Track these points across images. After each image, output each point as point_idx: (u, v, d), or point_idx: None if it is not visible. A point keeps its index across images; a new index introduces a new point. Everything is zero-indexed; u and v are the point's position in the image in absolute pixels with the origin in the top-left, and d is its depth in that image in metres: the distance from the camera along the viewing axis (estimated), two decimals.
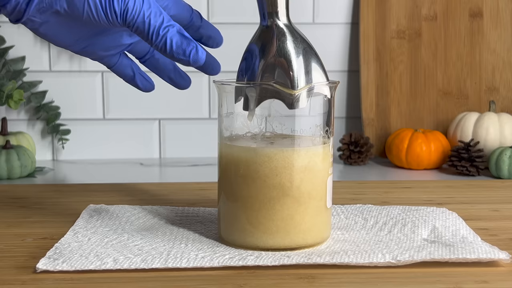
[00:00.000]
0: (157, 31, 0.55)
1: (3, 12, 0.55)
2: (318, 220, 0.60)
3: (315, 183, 0.60)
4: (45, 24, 0.57)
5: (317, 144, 0.60)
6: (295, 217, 0.59)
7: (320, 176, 0.60)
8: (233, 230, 0.60)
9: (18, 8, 0.55)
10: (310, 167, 0.59)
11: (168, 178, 1.03)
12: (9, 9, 0.55)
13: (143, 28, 0.55)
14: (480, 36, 1.16)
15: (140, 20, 0.55)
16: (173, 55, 0.55)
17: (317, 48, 0.60)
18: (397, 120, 1.16)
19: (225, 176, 0.61)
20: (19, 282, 0.53)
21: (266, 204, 0.58)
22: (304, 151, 0.59)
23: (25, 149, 1.01)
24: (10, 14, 0.55)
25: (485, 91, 1.16)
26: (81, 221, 0.68)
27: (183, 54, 0.55)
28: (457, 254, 0.57)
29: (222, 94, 0.61)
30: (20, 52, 1.13)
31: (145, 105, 1.17)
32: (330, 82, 0.61)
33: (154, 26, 0.55)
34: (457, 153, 1.02)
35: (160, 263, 0.56)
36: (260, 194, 0.58)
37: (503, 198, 0.83)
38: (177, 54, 0.55)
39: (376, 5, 1.15)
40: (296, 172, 0.58)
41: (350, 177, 1.02)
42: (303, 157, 0.59)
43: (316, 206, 0.60)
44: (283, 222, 0.59)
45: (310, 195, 0.59)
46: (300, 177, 0.59)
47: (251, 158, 0.58)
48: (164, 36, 0.55)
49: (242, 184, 0.59)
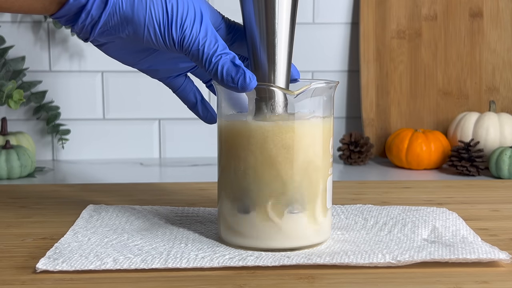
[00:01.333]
0: (210, 59, 0.57)
1: (73, 31, 0.59)
2: (319, 221, 0.60)
3: (315, 183, 0.60)
4: (110, 44, 0.61)
5: (318, 141, 0.60)
6: (295, 218, 0.59)
7: (320, 176, 0.60)
8: (232, 230, 0.60)
9: (85, 29, 0.58)
10: (310, 167, 0.59)
11: (168, 178, 1.03)
12: (77, 29, 0.58)
13: (198, 55, 0.58)
14: (480, 36, 1.16)
15: (195, 48, 0.57)
16: (223, 82, 0.57)
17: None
18: (397, 120, 1.16)
19: (225, 175, 0.61)
20: (19, 282, 0.53)
21: (265, 203, 0.58)
22: (303, 150, 0.59)
23: (25, 149, 1.01)
24: (79, 33, 0.59)
25: (485, 91, 1.16)
26: (81, 221, 0.68)
27: (231, 81, 0.57)
28: (457, 254, 0.57)
29: (221, 95, 0.61)
30: (20, 52, 1.13)
31: (145, 105, 1.17)
32: (330, 82, 0.60)
33: (208, 54, 0.57)
34: (457, 153, 1.02)
35: (160, 263, 0.56)
36: (260, 194, 0.58)
37: (503, 198, 0.83)
38: (227, 81, 0.57)
39: (376, 5, 1.15)
40: (296, 171, 0.58)
41: (350, 177, 1.02)
42: (303, 156, 0.59)
43: (317, 206, 0.60)
44: (283, 223, 0.59)
45: (310, 196, 0.59)
46: (300, 177, 0.59)
47: (252, 158, 0.58)
48: (216, 63, 0.57)
49: (240, 184, 0.59)
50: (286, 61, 0.60)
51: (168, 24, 0.57)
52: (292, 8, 0.59)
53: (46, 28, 1.14)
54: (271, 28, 0.59)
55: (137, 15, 0.57)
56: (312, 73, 1.18)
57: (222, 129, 0.61)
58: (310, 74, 1.18)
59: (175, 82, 0.68)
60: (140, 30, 0.57)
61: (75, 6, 0.56)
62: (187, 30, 0.57)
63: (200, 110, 0.69)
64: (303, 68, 1.17)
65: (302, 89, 0.58)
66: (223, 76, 0.57)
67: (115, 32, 0.58)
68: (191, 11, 0.58)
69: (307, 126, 0.59)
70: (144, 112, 1.17)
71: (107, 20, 0.57)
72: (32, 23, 1.14)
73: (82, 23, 0.57)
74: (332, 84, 0.61)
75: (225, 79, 0.57)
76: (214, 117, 0.69)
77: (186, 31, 0.57)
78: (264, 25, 0.59)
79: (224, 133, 0.61)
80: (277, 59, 0.59)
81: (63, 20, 0.57)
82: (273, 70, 0.59)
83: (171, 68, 0.66)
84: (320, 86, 0.60)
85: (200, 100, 0.69)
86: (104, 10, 0.56)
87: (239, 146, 0.59)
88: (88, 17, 0.57)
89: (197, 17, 0.58)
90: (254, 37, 0.59)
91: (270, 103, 0.59)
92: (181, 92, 0.68)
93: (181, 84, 0.68)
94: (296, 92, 0.58)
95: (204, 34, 0.58)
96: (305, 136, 0.59)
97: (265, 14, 0.59)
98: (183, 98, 0.69)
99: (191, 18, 0.57)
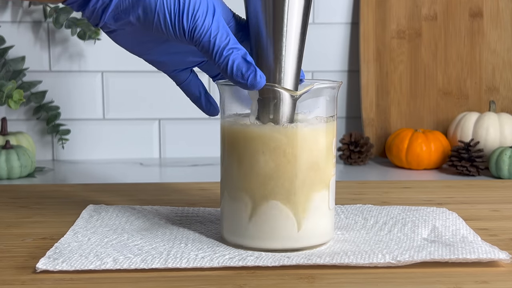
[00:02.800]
0: (220, 52, 0.56)
1: (84, 16, 0.58)
2: (322, 222, 0.60)
3: (317, 184, 0.59)
4: (120, 31, 0.60)
5: (321, 142, 0.59)
6: (297, 219, 0.59)
7: (323, 177, 0.60)
8: (235, 231, 0.60)
9: (95, 14, 0.57)
10: (312, 168, 0.59)
11: (168, 178, 1.03)
12: (88, 13, 0.57)
13: (208, 47, 0.56)
14: (480, 36, 1.16)
15: (206, 39, 0.56)
16: (232, 77, 0.56)
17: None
18: (397, 120, 1.16)
19: (228, 174, 0.61)
20: (18, 282, 0.53)
21: (267, 204, 0.58)
22: (306, 152, 0.58)
23: (25, 149, 1.01)
24: (89, 18, 0.58)
25: (485, 91, 1.16)
26: (81, 221, 0.68)
27: (241, 77, 0.56)
28: (457, 254, 0.57)
29: (224, 94, 0.61)
30: (20, 52, 1.13)
31: (145, 105, 1.17)
32: (332, 83, 0.60)
33: (219, 46, 0.56)
34: (457, 153, 1.02)
35: (160, 263, 0.56)
36: (262, 195, 0.58)
37: (503, 198, 0.83)
38: (236, 76, 0.56)
39: (376, 5, 1.15)
40: (299, 173, 0.58)
41: (350, 177, 1.02)
42: (306, 158, 0.58)
43: (319, 207, 0.60)
44: (285, 224, 0.59)
45: (313, 197, 0.59)
46: (303, 178, 0.58)
47: (252, 159, 0.58)
48: (227, 57, 0.56)
49: (244, 184, 0.59)
50: (296, 62, 0.58)
51: (179, 13, 0.56)
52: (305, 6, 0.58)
53: (46, 28, 1.14)
54: (279, 26, 0.57)
55: (149, 0, 0.56)
56: (312, 73, 1.18)
57: (225, 130, 0.61)
58: (310, 74, 1.18)
59: (180, 75, 0.67)
60: (150, 16, 0.57)
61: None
62: (199, 20, 0.56)
63: (204, 104, 0.68)
64: (303, 68, 1.16)
65: (305, 89, 0.58)
66: (233, 70, 0.56)
67: (125, 16, 0.57)
68: (203, 3, 0.57)
69: (310, 127, 0.59)
70: (144, 112, 1.17)
71: (117, 3, 0.56)
72: (32, 23, 1.14)
73: (93, 7, 0.57)
74: (335, 84, 0.60)
75: (235, 74, 0.56)
76: (217, 110, 0.68)
77: (198, 21, 0.56)
78: (271, 22, 0.57)
79: (227, 133, 0.61)
80: (285, 59, 0.58)
81: (75, 5, 0.57)
82: (279, 70, 0.58)
83: (179, 62, 0.65)
84: (323, 87, 0.59)
85: (204, 94, 0.68)
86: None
87: (241, 147, 0.59)
88: (100, 0, 0.56)
89: (210, 9, 0.57)
90: (261, 34, 0.58)
91: (273, 103, 0.58)
92: (186, 85, 0.67)
93: (186, 78, 0.67)
94: (298, 93, 0.57)
95: (216, 27, 0.57)
96: (308, 138, 0.59)
97: (273, 11, 0.57)
98: (187, 91, 0.68)
99: (203, 10, 0.57)
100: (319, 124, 0.59)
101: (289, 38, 0.58)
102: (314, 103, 0.59)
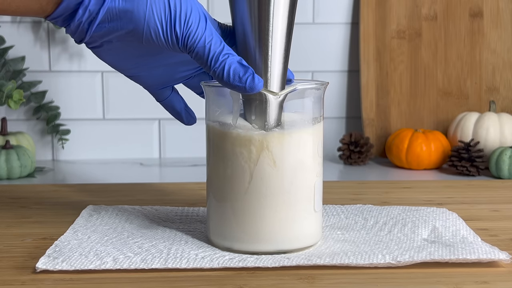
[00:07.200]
0: (216, 57, 0.56)
1: (68, 32, 0.57)
2: (306, 224, 0.59)
3: (302, 186, 0.59)
4: (106, 45, 0.58)
5: (306, 144, 0.59)
6: (284, 221, 0.58)
7: (308, 179, 0.59)
8: (220, 232, 0.60)
9: (81, 27, 0.56)
10: (298, 170, 0.58)
11: (168, 178, 1.03)
12: (73, 27, 0.56)
13: (203, 53, 0.56)
14: (480, 36, 1.16)
15: (201, 45, 0.56)
16: (229, 81, 0.56)
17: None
18: (397, 120, 1.16)
19: (214, 177, 0.60)
20: (18, 283, 0.53)
21: (251, 206, 0.58)
22: (289, 153, 0.58)
23: (25, 149, 1.01)
24: (74, 33, 0.57)
25: (485, 91, 1.16)
26: (81, 219, 0.68)
27: (239, 80, 0.55)
28: (457, 255, 0.57)
29: (209, 96, 0.60)
30: (20, 52, 1.13)
31: (145, 105, 1.17)
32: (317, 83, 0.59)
33: (214, 52, 0.56)
34: (457, 153, 1.02)
35: (160, 263, 0.55)
36: (247, 198, 0.58)
37: (503, 198, 0.83)
38: (233, 80, 0.55)
39: (376, 5, 1.15)
40: (283, 173, 0.57)
41: (350, 177, 1.02)
42: (290, 160, 0.58)
43: (305, 209, 0.59)
44: (272, 226, 0.58)
45: (298, 199, 0.58)
46: (288, 180, 0.58)
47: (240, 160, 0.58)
48: (223, 62, 0.56)
49: (229, 185, 0.58)
50: (282, 62, 0.57)
51: (171, 20, 0.56)
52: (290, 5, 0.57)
53: (46, 28, 1.14)
54: (265, 27, 0.56)
55: (137, 10, 0.55)
56: (312, 73, 1.18)
57: (210, 131, 0.60)
58: (310, 74, 1.18)
59: (162, 92, 0.67)
60: (139, 26, 0.56)
61: (73, 2, 0.54)
62: (192, 26, 0.56)
63: (184, 117, 0.69)
64: (303, 68, 1.17)
65: (287, 90, 0.57)
66: (229, 75, 0.55)
67: (113, 29, 0.56)
68: (195, 10, 0.56)
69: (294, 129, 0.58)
70: (144, 112, 1.17)
71: (105, 16, 0.55)
72: (32, 23, 1.14)
73: (79, 20, 0.55)
74: (319, 85, 0.59)
75: (232, 78, 0.55)
76: (195, 118, 0.69)
77: (191, 27, 0.56)
78: (257, 23, 0.56)
79: (212, 135, 0.60)
80: (271, 59, 0.57)
81: (60, 20, 0.56)
82: (265, 70, 0.57)
83: (166, 77, 0.64)
84: (307, 87, 0.58)
85: (184, 108, 0.68)
86: (102, 5, 0.54)
87: (224, 149, 0.58)
88: (86, 13, 0.55)
89: (201, 16, 0.57)
90: (246, 34, 0.57)
91: (255, 104, 0.57)
92: (168, 102, 0.67)
93: (168, 95, 0.67)
94: (279, 93, 0.57)
95: (210, 33, 0.56)
96: (292, 140, 0.58)
97: (259, 12, 0.56)
98: (170, 107, 0.68)
99: (195, 16, 0.56)
100: (304, 125, 0.58)
101: (275, 38, 0.57)
102: (300, 105, 0.59)
